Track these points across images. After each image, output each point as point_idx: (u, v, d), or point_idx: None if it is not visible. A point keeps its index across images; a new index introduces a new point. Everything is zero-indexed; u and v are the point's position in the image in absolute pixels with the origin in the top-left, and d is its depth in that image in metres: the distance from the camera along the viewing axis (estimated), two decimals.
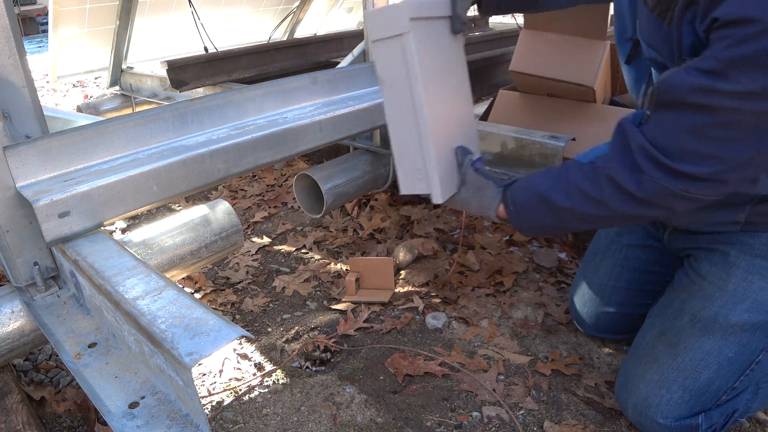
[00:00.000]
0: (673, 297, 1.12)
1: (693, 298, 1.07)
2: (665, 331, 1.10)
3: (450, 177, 1.15)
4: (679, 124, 0.84)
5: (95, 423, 1.19)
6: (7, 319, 1.03)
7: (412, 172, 1.14)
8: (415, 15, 1.02)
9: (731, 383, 1.04)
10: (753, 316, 1.00)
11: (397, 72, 1.06)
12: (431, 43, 1.08)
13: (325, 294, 1.67)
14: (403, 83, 1.06)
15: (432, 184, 1.12)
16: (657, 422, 1.06)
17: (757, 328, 1.01)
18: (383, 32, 1.05)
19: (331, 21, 4.09)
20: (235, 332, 0.69)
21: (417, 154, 1.11)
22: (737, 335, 1.02)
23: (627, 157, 0.90)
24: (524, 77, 1.75)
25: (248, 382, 1.31)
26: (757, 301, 1.00)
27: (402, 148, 1.14)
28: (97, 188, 1.00)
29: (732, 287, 1.02)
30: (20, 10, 9.40)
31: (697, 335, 1.05)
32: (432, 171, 1.10)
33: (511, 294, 1.61)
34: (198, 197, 2.46)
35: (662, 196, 0.88)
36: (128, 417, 0.75)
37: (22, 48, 1.00)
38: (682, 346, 1.06)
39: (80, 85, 5.25)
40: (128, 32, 2.71)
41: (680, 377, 1.05)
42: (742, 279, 1.02)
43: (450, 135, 1.16)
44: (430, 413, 1.20)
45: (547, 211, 1.02)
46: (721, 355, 1.03)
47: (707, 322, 1.04)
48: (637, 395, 1.09)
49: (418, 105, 1.06)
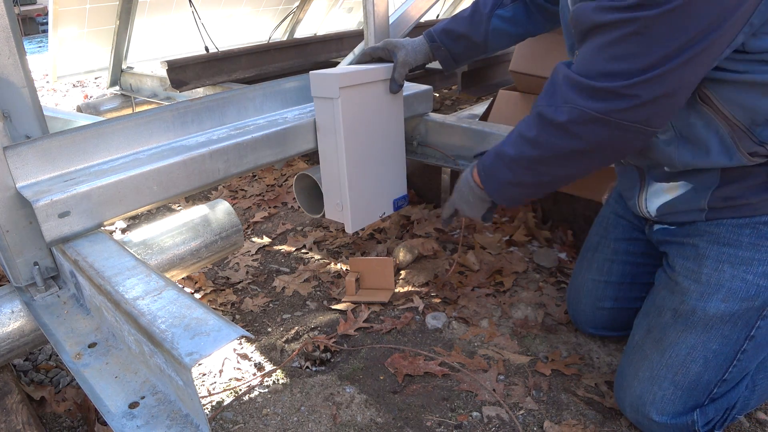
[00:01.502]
0: (655, 295, 1.14)
1: (672, 294, 1.09)
2: (651, 329, 1.11)
3: (363, 212, 1.45)
4: (592, 48, 0.90)
5: (95, 423, 1.19)
6: (7, 319, 1.03)
7: (333, 202, 1.44)
8: (345, 84, 1.29)
9: (720, 375, 1.04)
10: (729, 305, 1.01)
11: (328, 124, 1.34)
12: (362, 103, 1.36)
13: (325, 294, 1.67)
14: (332, 134, 1.35)
15: (345, 216, 1.42)
16: (653, 420, 1.07)
17: (737, 317, 1.01)
18: (321, 92, 1.32)
19: (331, 21, 4.09)
20: (235, 332, 0.69)
21: (337, 190, 1.41)
22: (718, 327, 1.02)
23: (554, 90, 0.96)
24: (524, 77, 1.76)
25: (248, 382, 1.31)
26: (731, 290, 1.01)
27: (328, 183, 1.44)
28: (97, 188, 1.00)
29: (705, 278, 1.04)
30: (20, 10, 9.40)
31: (680, 330, 1.06)
32: (346, 207, 1.40)
33: (511, 294, 1.61)
34: (198, 197, 2.46)
35: (584, 123, 0.91)
36: (128, 417, 0.75)
37: (22, 48, 1.00)
38: (668, 342, 1.07)
39: (80, 85, 5.26)
40: (128, 32, 2.71)
41: (669, 373, 1.06)
42: (713, 269, 1.03)
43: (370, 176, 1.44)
44: (430, 413, 1.20)
45: (503, 166, 1.08)
46: (705, 349, 1.03)
47: (687, 317, 1.05)
48: (632, 394, 1.11)
49: (340, 153, 1.35)
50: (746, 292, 1.00)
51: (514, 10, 1.36)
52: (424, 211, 2.08)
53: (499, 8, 1.35)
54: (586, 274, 1.37)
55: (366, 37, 1.74)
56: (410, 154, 1.79)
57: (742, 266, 1.00)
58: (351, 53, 1.88)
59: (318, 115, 1.36)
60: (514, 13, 1.36)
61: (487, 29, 1.35)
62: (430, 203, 2.14)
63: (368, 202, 1.46)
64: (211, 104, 1.28)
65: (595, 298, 1.35)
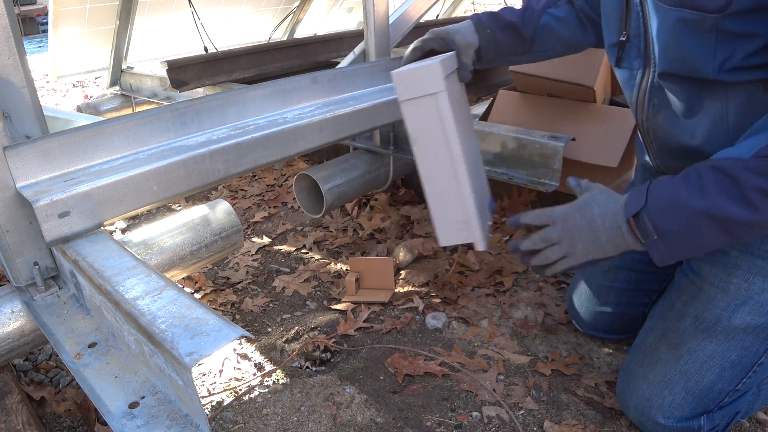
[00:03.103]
0: (675, 299, 1.12)
1: (695, 300, 1.06)
2: (668, 333, 1.09)
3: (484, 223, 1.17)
4: None
5: (95, 423, 1.19)
6: (7, 319, 1.03)
7: (453, 224, 1.15)
8: (447, 73, 1.04)
9: (734, 386, 1.03)
10: (755, 318, 0.99)
11: (431, 129, 1.07)
12: (453, 97, 1.09)
13: (325, 294, 1.67)
14: (439, 140, 1.07)
15: (475, 233, 1.12)
16: (659, 423, 1.07)
17: (759, 330, 1.00)
18: (415, 92, 1.05)
19: (331, 21, 4.09)
20: (235, 332, 0.69)
21: (457, 206, 1.12)
22: (740, 338, 1.01)
23: None
24: (524, 77, 1.75)
25: (248, 382, 1.31)
26: (759, 303, 0.99)
27: (440, 202, 1.14)
28: (97, 188, 1.00)
29: (734, 289, 1.01)
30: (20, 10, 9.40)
31: (700, 338, 1.04)
32: (474, 221, 1.11)
33: (511, 294, 1.61)
34: (198, 197, 2.46)
35: None
36: (128, 417, 0.75)
37: (22, 48, 1.00)
38: (685, 349, 1.06)
39: (80, 85, 5.26)
40: (128, 32, 2.71)
41: (683, 379, 1.05)
42: (744, 280, 1.01)
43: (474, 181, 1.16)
44: (430, 413, 1.20)
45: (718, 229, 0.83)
46: (724, 358, 1.02)
47: (709, 325, 1.03)
48: (639, 395, 1.09)
49: (456, 160, 1.07)
50: None
51: (567, 12, 1.28)
52: (424, 211, 2.08)
53: (553, 7, 1.27)
54: (590, 278, 1.36)
55: (366, 37, 1.74)
56: (410, 154, 1.78)
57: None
58: (351, 53, 1.88)
59: (412, 124, 1.09)
60: (566, 15, 1.28)
61: (537, 25, 1.26)
62: None
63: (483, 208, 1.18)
64: (211, 104, 1.28)
65: (597, 302, 1.35)
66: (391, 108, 1.60)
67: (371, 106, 1.53)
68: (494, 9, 1.34)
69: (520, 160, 1.54)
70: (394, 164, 1.87)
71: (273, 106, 1.43)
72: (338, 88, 1.60)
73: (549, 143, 1.46)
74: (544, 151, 1.47)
